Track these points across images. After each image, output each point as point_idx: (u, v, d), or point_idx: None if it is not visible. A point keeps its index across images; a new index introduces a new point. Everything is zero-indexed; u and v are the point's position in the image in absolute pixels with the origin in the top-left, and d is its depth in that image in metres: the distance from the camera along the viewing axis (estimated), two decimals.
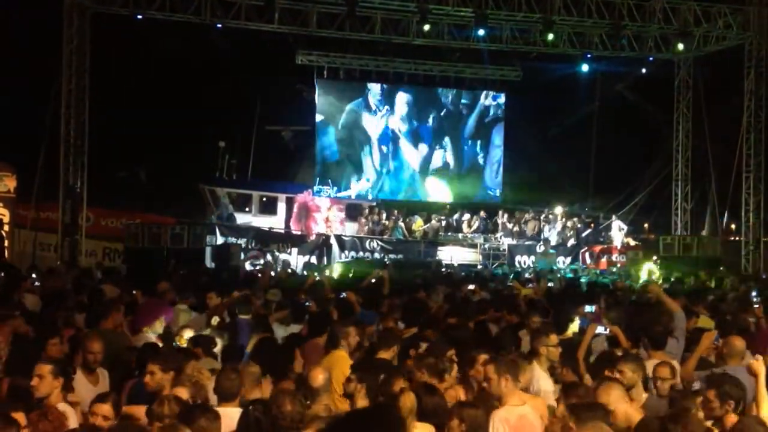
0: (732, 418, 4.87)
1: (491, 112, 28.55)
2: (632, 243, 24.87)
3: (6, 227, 20.45)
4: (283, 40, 23.45)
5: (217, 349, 7.15)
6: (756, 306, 10.04)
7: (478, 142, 28.49)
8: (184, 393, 4.96)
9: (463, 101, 28.56)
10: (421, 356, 5.93)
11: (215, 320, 8.45)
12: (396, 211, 26.04)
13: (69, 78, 20.23)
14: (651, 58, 25.30)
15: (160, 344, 7.15)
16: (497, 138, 28.62)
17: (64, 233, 20.00)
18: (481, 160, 28.53)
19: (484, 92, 28.42)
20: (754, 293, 11.52)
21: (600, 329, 7.10)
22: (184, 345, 7.16)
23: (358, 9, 21.56)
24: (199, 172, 25.27)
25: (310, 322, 7.92)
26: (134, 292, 10.31)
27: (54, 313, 8.35)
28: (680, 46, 23.61)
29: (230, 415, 5.06)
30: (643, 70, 26.02)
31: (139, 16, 21.11)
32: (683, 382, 6.32)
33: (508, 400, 5.07)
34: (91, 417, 4.85)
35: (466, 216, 26.37)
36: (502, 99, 28.47)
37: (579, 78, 26.37)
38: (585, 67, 25.92)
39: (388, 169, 27.78)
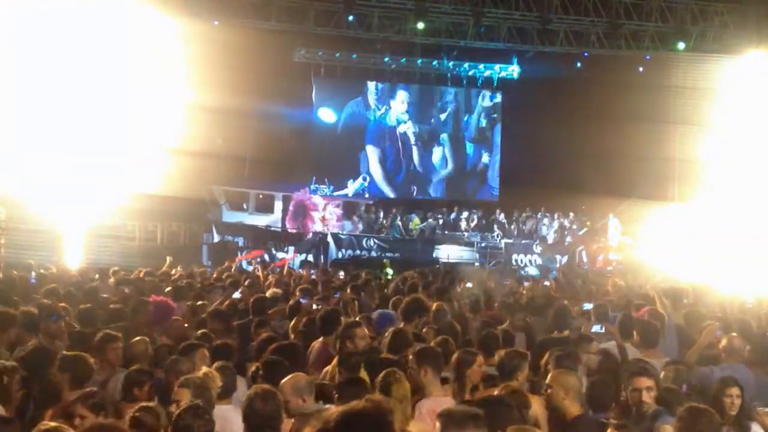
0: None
1: (491, 113, 28.59)
2: (628, 242, 24.89)
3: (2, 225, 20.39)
4: (280, 37, 23.41)
5: None
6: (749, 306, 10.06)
7: (481, 144, 28.57)
8: (185, 395, 4.93)
9: (460, 99, 28.57)
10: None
11: None
12: (393, 210, 26.05)
13: None
14: (648, 57, 25.31)
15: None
16: (497, 137, 28.70)
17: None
18: (485, 160, 28.60)
19: (482, 93, 28.45)
20: None
21: (596, 328, 7.10)
22: None
23: (355, 7, 21.57)
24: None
25: (321, 320, 7.89)
26: (126, 290, 10.32)
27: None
28: (678, 45, 23.64)
29: (223, 414, 5.06)
30: (641, 69, 26.02)
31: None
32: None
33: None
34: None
35: (464, 214, 26.38)
36: (498, 98, 28.51)
37: (576, 76, 26.36)
38: (582, 66, 25.92)
39: (386, 167, 27.79)
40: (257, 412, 4.51)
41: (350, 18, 22.37)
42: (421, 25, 22.44)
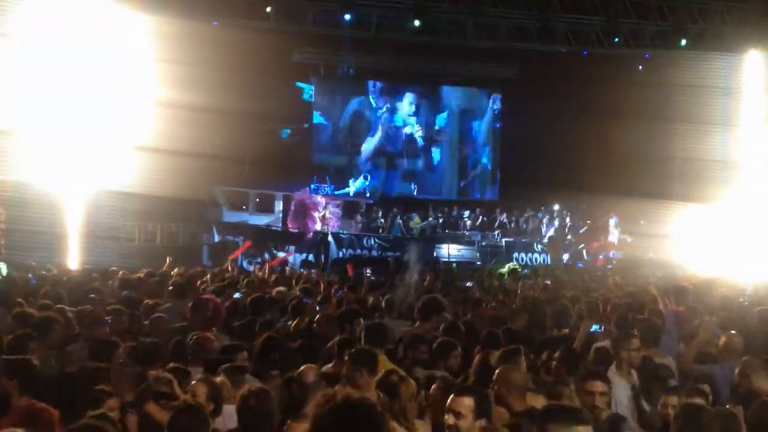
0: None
1: (491, 112, 28.61)
2: (628, 240, 24.91)
3: (2, 226, 20.39)
4: (279, 37, 23.41)
5: None
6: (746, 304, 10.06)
7: (481, 143, 28.61)
8: (201, 388, 4.97)
9: (460, 98, 28.57)
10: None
11: None
12: (394, 209, 26.05)
13: None
14: (647, 56, 25.28)
15: None
16: (497, 136, 28.72)
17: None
18: (485, 159, 28.61)
19: (481, 92, 28.48)
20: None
21: (594, 327, 7.10)
22: None
23: (354, 6, 21.61)
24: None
25: (339, 318, 7.95)
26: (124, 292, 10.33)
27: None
28: (678, 43, 23.64)
29: (232, 413, 5.08)
30: (640, 67, 26.01)
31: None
32: (680, 372, 6.36)
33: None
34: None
35: (465, 213, 26.37)
36: (498, 97, 28.54)
37: (576, 75, 26.32)
38: (582, 64, 25.88)
39: (386, 167, 27.79)
40: (251, 410, 4.53)
41: (349, 18, 22.37)
42: (417, 23, 22.44)
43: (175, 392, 5.11)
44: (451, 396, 4.45)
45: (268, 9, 21.54)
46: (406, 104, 27.96)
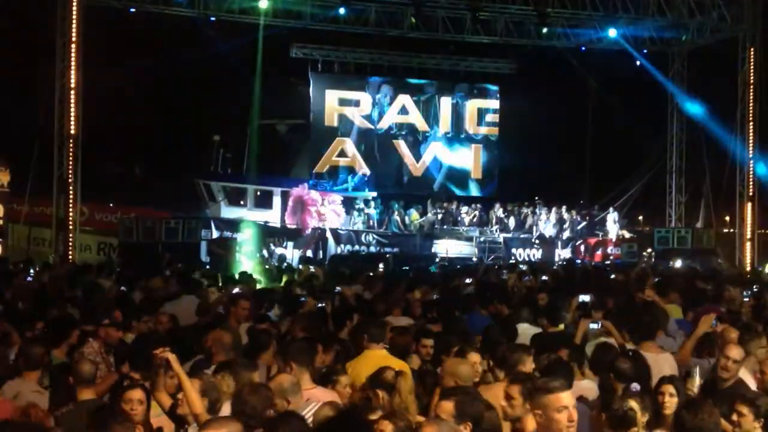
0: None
1: (489, 107, 28.57)
2: (627, 235, 24.94)
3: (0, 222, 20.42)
4: (277, 33, 23.39)
5: None
6: (746, 300, 10.06)
7: (479, 139, 28.60)
8: (196, 384, 4.97)
9: (458, 94, 28.51)
10: None
11: None
12: (392, 205, 26.00)
13: (62, 72, 20.09)
14: (645, 51, 25.28)
15: None
16: (496, 132, 28.69)
17: (58, 228, 19.93)
18: (483, 155, 28.59)
19: (480, 88, 28.44)
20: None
21: (593, 325, 7.08)
22: None
23: (352, 2, 21.60)
24: (193, 167, 25.21)
25: (333, 316, 7.97)
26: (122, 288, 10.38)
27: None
28: (675, 38, 23.64)
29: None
30: (638, 63, 26.00)
31: (132, 10, 21.10)
32: (679, 366, 6.36)
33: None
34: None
35: (463, 209, 26.35)
36: (496, 93, 28.48)
37: (574, 70, 26.32)
38: (579, 60, 25.90)
39: (385, 162, 27.74)
40: (244, 403, 4.53)
41: (347, 13, 22.34)
42: (415, 18, 22.44)
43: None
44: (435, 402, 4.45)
45: (266, 4, 21.49)
46: (405, 99, 27.90)
